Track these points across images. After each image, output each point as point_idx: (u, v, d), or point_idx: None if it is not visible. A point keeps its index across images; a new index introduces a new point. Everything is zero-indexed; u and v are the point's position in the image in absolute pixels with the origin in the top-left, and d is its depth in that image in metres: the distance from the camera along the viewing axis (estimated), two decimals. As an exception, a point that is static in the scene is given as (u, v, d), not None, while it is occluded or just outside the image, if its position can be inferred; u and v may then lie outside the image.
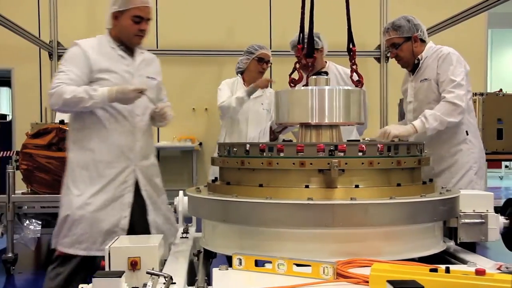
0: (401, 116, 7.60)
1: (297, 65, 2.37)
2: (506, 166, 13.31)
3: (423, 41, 3.48)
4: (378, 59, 8.17)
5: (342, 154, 1.91)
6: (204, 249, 2.16)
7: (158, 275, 1.69)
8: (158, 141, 8.57)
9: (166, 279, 1.66)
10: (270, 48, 8.28)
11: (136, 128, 3.10)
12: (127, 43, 3.14)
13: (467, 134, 3.38)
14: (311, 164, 1.88)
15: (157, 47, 8.90)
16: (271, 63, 4.28)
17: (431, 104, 3.35)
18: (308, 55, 2.41)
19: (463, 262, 1.97)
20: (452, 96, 3.23)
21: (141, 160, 3.13)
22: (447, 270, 1.43)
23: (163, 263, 2.04)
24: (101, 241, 2.95)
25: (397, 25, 3.45)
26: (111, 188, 3.04)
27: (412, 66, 3.51)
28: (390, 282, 1.29)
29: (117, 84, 3.00)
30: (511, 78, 16.33)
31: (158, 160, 3.36)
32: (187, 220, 2.59)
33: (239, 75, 4.29)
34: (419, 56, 3.46)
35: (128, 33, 3.09)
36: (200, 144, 8.67)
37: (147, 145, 3.19)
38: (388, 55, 7.95)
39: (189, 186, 2.38)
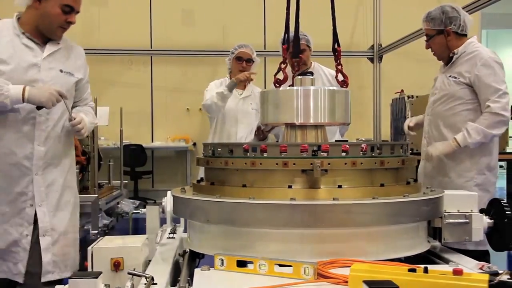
0: (393, 115, 7.65)
1: (282, 65, 2.37)
2: (501, 166, 13.31)
3: (460, 35, 3.29)
4: (371, 59, 8.18)
5: (325, 154, 1.91)
6: (190, 249, 2.16)
7: (139, 276, 1.69)
8: (152, 141, 8.58)
9: (148, 279, 1.66)
10: (264, 48, 8.37)
11: (37, 132, 2.63)
12: (46, 34, 2.67)
13: None
14: (294, 164, 1.88)
15: (151, 47, 8.92)
16: (253, 61, 4.25)
17: (452, 101, 3.23)
18: (294, 55, 2.41)
19: (447, 262, 1.98)
20: (498, 106, 3.10)
21: (45, 169, 2.67)
22: (425, 270, 1.43)
23: (147, 263, 2.04)
24: None
25: (430, 17, 3.29)
26: (5, 202, 2.62)
27: (447, 59, 3.36)
28: (366, 282, 1.29)
29: (14, 77, 2.54)
30: (507, 78, 16.33)
31: (152, 160, 3.23)
32: (176, 220, 2.59)
33: (228, 75, 4.32)
34: (455, 50, 3.28)
35: (53, 22, 2.62)
36: (194, 144, 8.67)
37: (55, 150, 2.71)
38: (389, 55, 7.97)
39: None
